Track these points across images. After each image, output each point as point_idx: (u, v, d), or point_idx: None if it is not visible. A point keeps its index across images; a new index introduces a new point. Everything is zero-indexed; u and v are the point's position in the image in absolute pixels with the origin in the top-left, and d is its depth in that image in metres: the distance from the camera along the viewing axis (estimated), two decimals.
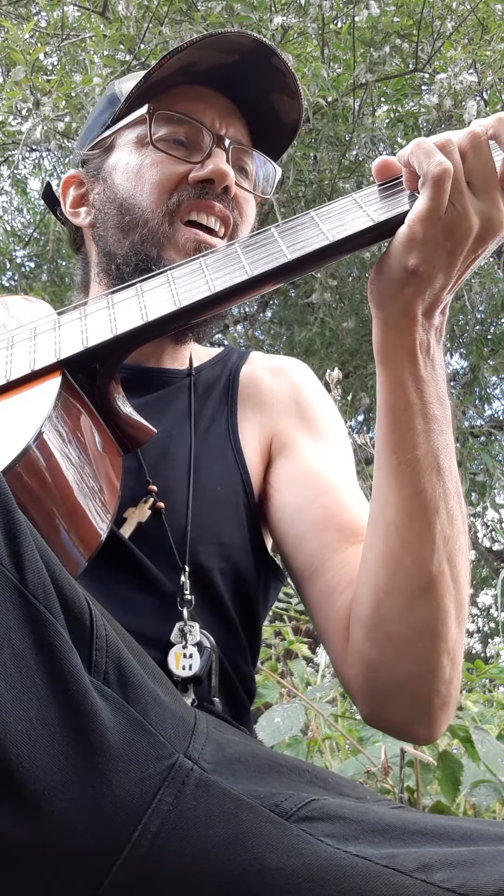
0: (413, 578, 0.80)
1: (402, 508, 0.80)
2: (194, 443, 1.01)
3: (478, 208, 0.76)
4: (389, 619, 0.81)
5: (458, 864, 0.51)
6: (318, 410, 1.09)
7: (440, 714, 0.83)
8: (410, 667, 0.81)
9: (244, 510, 1.00)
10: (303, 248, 0.79)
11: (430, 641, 0.80)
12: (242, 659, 0.97)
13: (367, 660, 0.84)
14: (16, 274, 5.52)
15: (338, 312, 4.77)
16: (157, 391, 1.05)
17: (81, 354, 0.80)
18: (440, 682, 0.81)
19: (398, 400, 0.81)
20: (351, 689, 0.89)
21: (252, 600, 0.99)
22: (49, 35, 4.07)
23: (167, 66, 0.99)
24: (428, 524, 0.80)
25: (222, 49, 0.99)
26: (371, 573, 0.83)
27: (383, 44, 3.99)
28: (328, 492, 0.97)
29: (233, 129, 1.05)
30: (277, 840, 0.55)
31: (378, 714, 0.87)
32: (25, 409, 0.76)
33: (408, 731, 0.89)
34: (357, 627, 0.85)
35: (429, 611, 0.80)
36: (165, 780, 0.58)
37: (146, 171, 1.01)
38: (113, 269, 1.03)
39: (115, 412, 0.83)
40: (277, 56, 1.00)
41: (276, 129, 1.08)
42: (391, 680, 0.83)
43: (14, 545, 0.56)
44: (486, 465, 4.80)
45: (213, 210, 1.00)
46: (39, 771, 0.53)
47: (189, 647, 0.86)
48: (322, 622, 0.92)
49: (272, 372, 1.12)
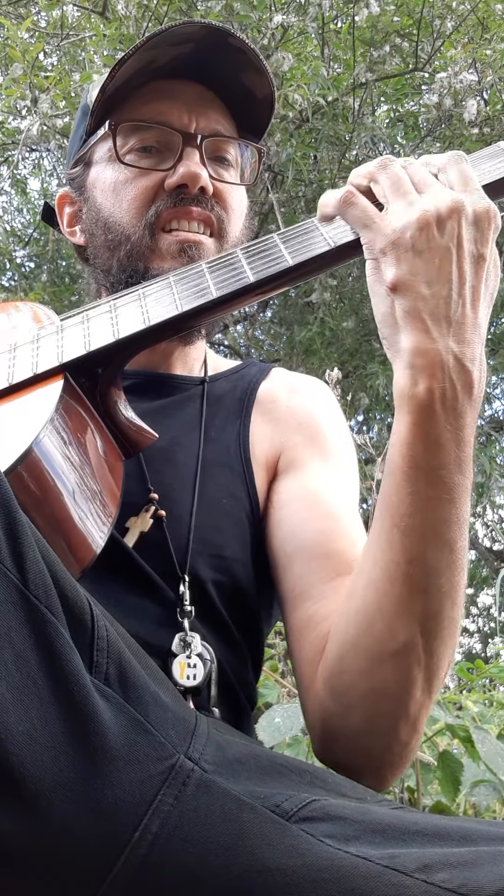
0: (382, 642, 0.75)
1: (386, 571, 0.75)
2: (202, 452, 0.99)
3: (426, 201, 0.74)
4: (350, 672, 0.79)
5: (459, 865, 0.51)
6: (330, 433, 1.06)
7: (389, 771, 0.81)
8: (362, 723, 0.79)
9: (248, 524, 0.98)
10: (304, 254, 0.79)
11: (389, 705, 0.77)
12: (243, 668, 0.97)
13: (323, 705, 0.83)
14: (16, 274, 5.52)
15: (338, 312, 4.77)
16: (168, 397, 1.04)
17: (83, 358, 0.80)
18: (394, 744, 0.79)
19: (402, 460, 0.73)
20: (308, 723, 0.87)
21: (252, 614, 0.98)
22: (49, 35, 4.07)
23: (120, 74, 0.96)
24: (409, 596, 0.74)
25: (173, 42, 0.96)
26: (343, 622, 0.81)
27: (383, 43, 3.99)
28: (325, 516, 0.94)
29: (205, 120, 1.01)
30: (278, 840, 0.55)
31: (328, 756, 0.85)
32: (27, 412, 0.76)
33: (354, 776, 0.83)
34: (322, 669, 0.83)
35: (392, 677, 0.76)
36: (166, 780, 0.58)
37: (121, 188, 1.00)
38: (109, 286, 1.02)
39: (117, 416, 0.83)
40: (233, 35, 0.97)
41: (252, 106, 1.04)
42: (344, 730, 0.81)
43: (16, 546, 0.56)
44: (484, 466, 4.80)
45: (191, 215, 0.99)
46: (40, 771, 0.53)
47: (193, 657, 0.86)
48: (295, 650, 0.90)
49: (291, 390, 1.10)
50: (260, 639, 1.01)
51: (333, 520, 0.94)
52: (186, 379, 1.08)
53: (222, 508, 0.97)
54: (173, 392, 1.06)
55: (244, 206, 1.07)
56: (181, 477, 0.97)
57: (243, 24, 3.58)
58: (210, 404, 1.05)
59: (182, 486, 0.96)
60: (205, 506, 0.96)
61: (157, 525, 0.92)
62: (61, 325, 0.86)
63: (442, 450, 0.72)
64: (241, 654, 0.96)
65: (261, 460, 1.03)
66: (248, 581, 0.96)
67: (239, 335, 5.95)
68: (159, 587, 0.90)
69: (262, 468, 1.02)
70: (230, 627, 0.95)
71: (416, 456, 0.72)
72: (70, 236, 1.10)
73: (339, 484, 1.00)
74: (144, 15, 3.68)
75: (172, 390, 1.06)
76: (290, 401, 1.08)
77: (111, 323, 0.82)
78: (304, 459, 1.01)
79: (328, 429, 1.06)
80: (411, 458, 0.72)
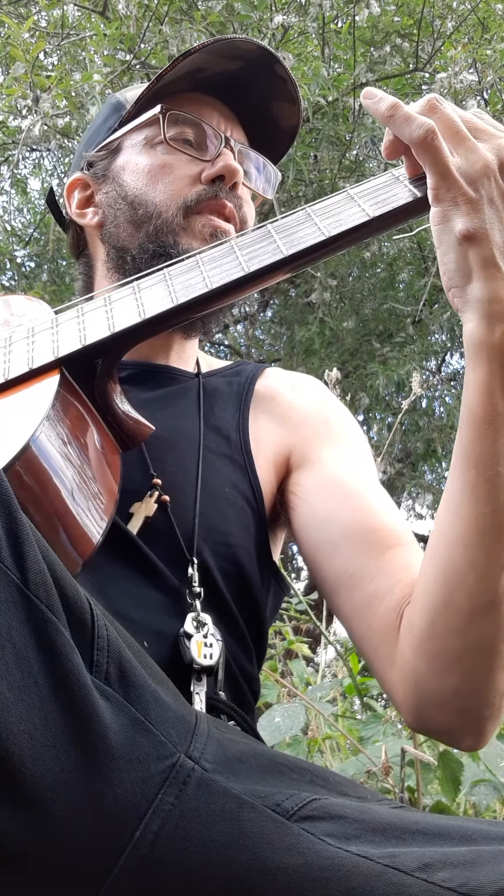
0: (475, 596, 0.77)
1: (475, 525, 0.76)
2: (203, 440, 1.00)
3: (487, 147, 0.75)
4: (444, 635, 0.79)
5: (460, 864, 0.51)
6: (336, 420, 1.08)
7: (488, 724, 0.81)
8: (461, 682, 0.79)
9: (251, 514, 0.99)
10: (298, 244, 0.79)
11: (485, 659, 0.78)
12: (247, 660, 0.97)
13: (416, 672, 0.82)
14: (16, 274, 5.52)
15: (338, 312, 4.77)
16: (166, 387, 1.06)
17: (79, 352, 0.80)
18: (492, 695, 0.79)
19: (483, 409, 0.74)
20: (396, 697, 0.86)
21: (256, 604, 0.98)
22: (49, 34, 4.07)
23: (177, 68, 1.02)
24: (500, 543, 0.75)
25: (228, 55, 1.02)
26: (430, 586, 0.80)
27: (384, 43, 3.99)
28: (357, 496, 0.95)
29: (237, 134, 1.08)
30: (279, 839, 0.55)
31: (423, 723, 0.85)
32: (24, 408, 0.76)
33: (454, 739, 0.86)
34: (408, 637, 0.83)
35: (487, 630, 0.77)
36: (167, 779, 0.58)
37: (157, 172, 1.03)
38: (128, 261, 1.04)
39: (114, 410, 0.83)
40: (280, 64, 1.04)
41: (274, 134, 1.11)
42: (440, 692, 0.80)
43: (16, 545, 0.56)
44: None
45: (224, 210, 1.02)
46: (41, 771, 0.53)
47: (209, 636, 0.85)
48: (363, 630, 0.90)
49: (291, 387, 1.12)
50: (263, 631, 1.01)
51: (365, 498, 0.95)
52: (183, 372, 1.09)
53: (225, 496, 0.98)
54: (171, 383, 1.07)
55: (253, 220, 1.11)
56: (183, 464, 0.98)
57: (244, 24, 3.59)
58: (207, 396, 1.07)
59: (185, 473, 0.97)
60: (208, 493, 0.96)
61: (161, 510, 0.93)
62: (56, 318, 0.86)
63: None
64: (245, 645, 0.96)
65: (267, 456, 1.03)
66: (252, 570, 0.97)
67: (239, 335, 5.95)
68: (165, 573, 0.90)
69: (269, 463, 1.03)
70: (236, 616, 0.95)
71: (497, 403, 0.73)
72: (78, 218, 1.12)
73: (359, 465, 1.01)
74: (145, 15, 3.68)
75: (170, 381, 1.07)
76: (293, 398, 1.10)
77: (106, 316, 0.82)
78: (318, 450, 1.03)
79: (334, 417, 1.08)
80: (492, 406, 0.74)
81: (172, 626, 0.87)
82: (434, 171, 0.74)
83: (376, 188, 0.82)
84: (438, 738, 0.89)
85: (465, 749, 0.89)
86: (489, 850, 0.52)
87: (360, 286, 4.99)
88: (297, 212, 0.84)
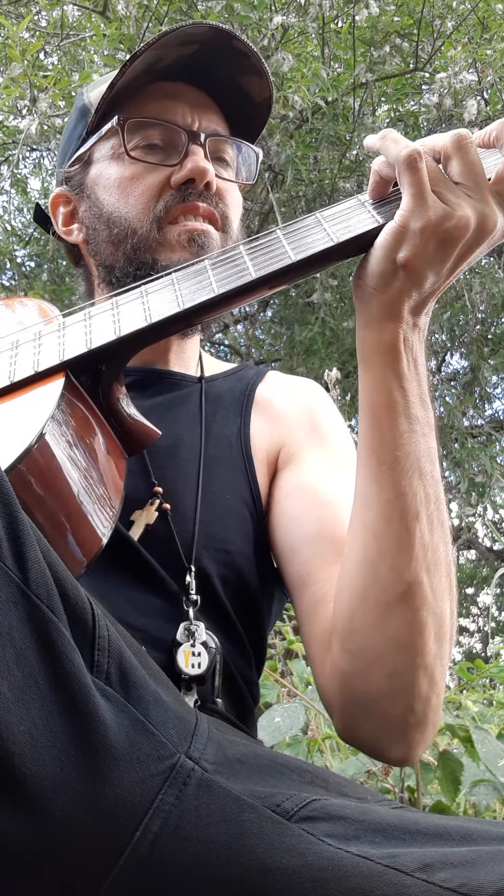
0: (388, 587, 0.78)
1: (381, 512, 0.79)
2: (204, 448, 1.00)
3: (472, 205, 0.76)
4: (363, 630, 0.79)
5: (460, 864, 0.51)
6: (329, 428, 1.08)
7: (415, 734, 0.81)
8: (383, 682, 0.79)
9: (251, 520, 0.99)
10: (307, 250, 0.79)
11: (405, 656, 0.78)
12: (246, 665, 0.97)
13: (341, 672, 0.82)
14: (16, 274, 5.52)
15: (338, 312, 4.77)
16: (168, 394, 1.05)
17: (85, 356, 0.80)
18: (415, 700, 0.79)
19: (380, 398, 0.79)
20: (327, 702, 0.87)
21: (256, 609, 0.99)
22: (49, 34, 4.07)
23: (130, 70, 0.98)
24: (406, 530, 0.77)
25: (180, 42, 0.98)
26: (347, 581, 0.82)
27: (383, 43, 3.99)
28: (326, 504, 0.96)
29: (206, 121, 1.04)
30: (279, 840, 0.55)
31: (352, 730, 0.85)
32: (28, 410, 0.76)
33: (381, 749, 0.85)
34: (334, 638, 0.84)
35: (404, 623, 0.77)
36: (167, 780, 0.58)
37: (126, 184, 1.01)
38: (114, 281, 1.03)
39: (119, 414, 0.83)
40: (238, 39, 1.00)
41: (249, 110, 1.07)
42: (364, 695, 0.81)
43: (17, 545, 0.56)
44: (484, 465, 4.80)
45: (197, 211, 1.00)
46: (41, 771, 0.53)
47: (197, 645, 0.86)
48: (307, 635, 0.91)
49: (286, 391, 1.12)
50: (262, 635, 1.01)
51: (334, 507, 0.95)
52: (184, 376, 1.09)
53: (225, 504, 0.98)
54: (172, 389, 1.06)
55: (240, 205, 1.09)
56: (184, 472, 0.98)
57: (243, 25, 3.58)
58: (209, 402, 1.06)
59: (185, 482, 0.97)
60: (208, 501, 0.96)
61: (161, 518, 0.93)
62: (63, 322, 0.86)
63: (410, 386, 0.79)
64: (244, 651, 0.97)
65: (262, 458, 1.04)
66: (251, 575, 0.97)
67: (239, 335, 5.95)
68: (165, 580, 0.90)
69: (264, 465, 1.04)
70: (234, 622, 0.95)
71: (392, 391, 0.79)
72: (66, 235, 1.10)
73: (337, 472, 1.01)
74: (145, 15, 3.68)
75: (171, 387, 1.06)
76: (287, 401, 1.10)
77: (113, 320, 0.82)
78: (302, 453, 1.03)
79: (323, 422, 1.09)
80: (388, 394, 0.79)
81: (171, 633, 0.87)
82: (412, 191, 0.75)
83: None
84: (367, 751, 0.88)
85: (395, 763, 0.89)
86: (489, 850, 0.52)
87: None
88: (307, 218, 0.84)
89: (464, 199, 0.76)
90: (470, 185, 0.76)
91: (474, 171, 0.76)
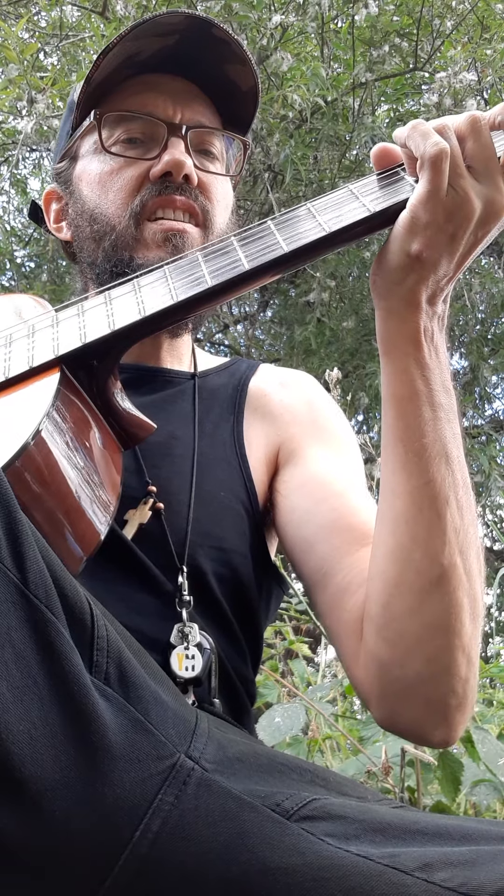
0: (424, 572, 0.78)
1: (411, 500, 0.79)
2: (198, 446, 1.00)
3: (479, 192, 0.76)
4: (400, 617, 0.79)
5: (460, 864, 0.51)
6: (328, 419, 1.08)
7: (457, 715, 0.81)
8: (423, 666, 0.79)
9: (247, 517, 0.99)
10: (299, 240, 0.79)
11: (444, 639, 0.78)
12: (242, 663, 0.97)
13: (378, 660, 0.82)
14: (16, 274, 5.51)
15: (338, 312, 4.77)
16: (161, 391, 1.05)
17: (79, 350, 0.80)
18: (456, 682, 0.79)
19: (404, 388, 0.80)
20: (363, 692, 0.86)
21: (252, 607, 0.98)
22: (48, 35, 4.07)
23: (104, 65, 0.97)
24: (438, 515, 0.78)
25: (158, 33, 0.97)
26: (381, 569, 0.81)
27: (383, 43, 3.99)
28: (337, 495, 0.96)
29: (189, 112, 1.02)
30: (279, 839, 0.55)
31: (392, 717, 0.85)
32: (24, 406, 0.76)
33: (423, 733, 0.85)
34: (368, 626, 0.83)
35: (441, 606, 0.78)
36: (167, 779, 0.58)
37: (106, 179, 1.00)
38: (96, 279, 1.02)
39: (115, 408, 0.83)
40: (217, 26, 0.97)
41: (237, 99, 1.04)
42: (404, 680, 0.81)
43: (16, 545, 0.56)
44: (483, 465, 4.80)
45: (175, 204, 0.99)
46: (41, 771, 0.53)
47: (191, 647, 0.86)
48: (334, 625, 0.91)
49: (282, 384, 1.11)
50: (259, 634, 1.01)
51: (346, 497, 0.96)
52: (177, 373, 1.08)
53: (220, 501, 0.98)
54: (166, 386, 1.06)
55: (230, 199, 1.07)
56: (179, 470, 0.98)
57: (242, 24, 3.58)
58: (202, 399, 1.06)
59: (180, 480, 0.97)
60: (203, 499, 0.96)
61: (155, 517, 0.93)
62: (57, 317, 0.86)
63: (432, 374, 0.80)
64: (240, 649, 0.96)
65: (259, 456, 1.03)
66: (247, 573, 0.97)
67: (239, 335, 5.95)
68: (158, 579, 0.90)
69: (261, 463, 1.03)
70: (230, 621, 0.95)
71: (415, 381, 0.79)
72: (56, 232, 1.11)
73: (344, 464, 1.01)
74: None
75: (165, 384, 1.06)
76: (282, 395, 1.10)
77: (107, 314, 0.82)
78: (304, 448, 1.03)
79: (323, 415, 1.08)
80: (411, 384, 0.79)
81: (166, 633, 0.87)
82: (427, 189, 0.75)
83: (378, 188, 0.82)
84: (409, 737, 0.89)
85: (437, 745, 0.89)
86: (489, 850, 0.52)
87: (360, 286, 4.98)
88: (299, 208, 0.83)
89: (473, 185, 0.76)
90: (480, 168, 0.76)
91: (486, 154, 0.76)
